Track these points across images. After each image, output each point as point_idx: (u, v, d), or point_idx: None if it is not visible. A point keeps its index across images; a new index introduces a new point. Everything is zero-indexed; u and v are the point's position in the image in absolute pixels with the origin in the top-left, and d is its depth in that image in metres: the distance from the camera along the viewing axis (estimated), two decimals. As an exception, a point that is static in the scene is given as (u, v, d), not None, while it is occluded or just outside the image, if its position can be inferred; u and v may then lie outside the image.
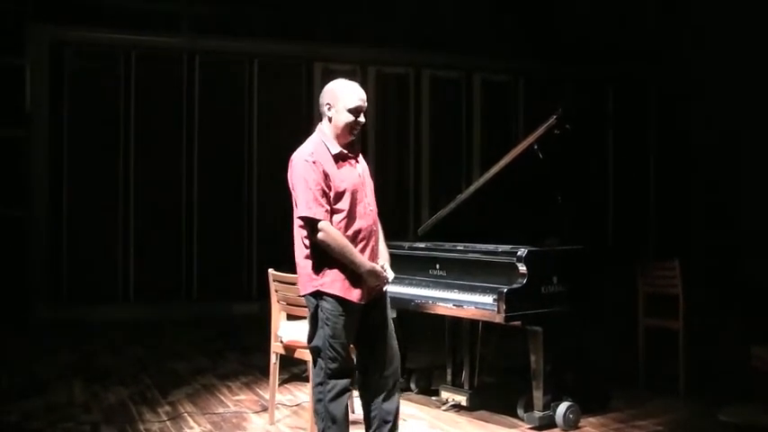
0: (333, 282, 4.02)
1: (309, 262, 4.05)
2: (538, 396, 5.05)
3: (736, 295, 8.36)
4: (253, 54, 9.93)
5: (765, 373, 5.41)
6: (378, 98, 10.15)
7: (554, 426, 5.06)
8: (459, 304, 5.14)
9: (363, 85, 4.39)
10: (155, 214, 9.49)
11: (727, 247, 9.30)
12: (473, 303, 5.05)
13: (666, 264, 6.14)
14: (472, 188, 5.66)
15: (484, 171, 5.72)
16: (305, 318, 5.00)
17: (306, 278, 4.09)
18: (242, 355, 7.33)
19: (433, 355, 6.39)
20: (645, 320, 6.22)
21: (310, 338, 4.14)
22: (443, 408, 5.53)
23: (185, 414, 5.43)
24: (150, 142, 9.52)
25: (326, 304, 4.03)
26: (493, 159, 5.63)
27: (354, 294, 4.05)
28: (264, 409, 5.49)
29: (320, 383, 4.09)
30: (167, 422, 5.24)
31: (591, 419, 5.27)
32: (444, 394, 5.58)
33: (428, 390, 5.91)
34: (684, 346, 5.97)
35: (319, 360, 4.08)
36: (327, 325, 4.03)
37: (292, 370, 6.47)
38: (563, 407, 5.06)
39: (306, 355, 4.89)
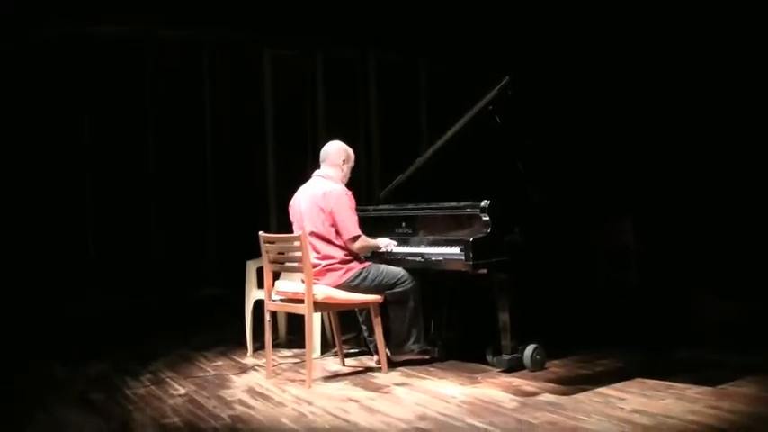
0: None
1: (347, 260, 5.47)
2: (505, 340, 5.33)
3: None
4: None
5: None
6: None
7: (522, 367, 5.34)
8: (428, 257, 5.39)
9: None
10: (115, 200, 9.46)
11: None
12: (441, 255, 5.29)
13: (620, 220, 6.45)
14: (430, 151, 5.90)
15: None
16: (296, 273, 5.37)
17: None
18: (213, 332, 7.46)
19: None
20: (602, 272, 6.57)
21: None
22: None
23: (168, 379, 5.61)
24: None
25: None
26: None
27: None
28: (244, 371, 5.70)
29: None
30: (152, 387, 5.41)
31: (555, 361, 5.55)
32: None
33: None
34: (637, 297, 6.31)
35: None
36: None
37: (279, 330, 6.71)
38: (530, 349, 5.33)
39: (300, 308, 5.13)
